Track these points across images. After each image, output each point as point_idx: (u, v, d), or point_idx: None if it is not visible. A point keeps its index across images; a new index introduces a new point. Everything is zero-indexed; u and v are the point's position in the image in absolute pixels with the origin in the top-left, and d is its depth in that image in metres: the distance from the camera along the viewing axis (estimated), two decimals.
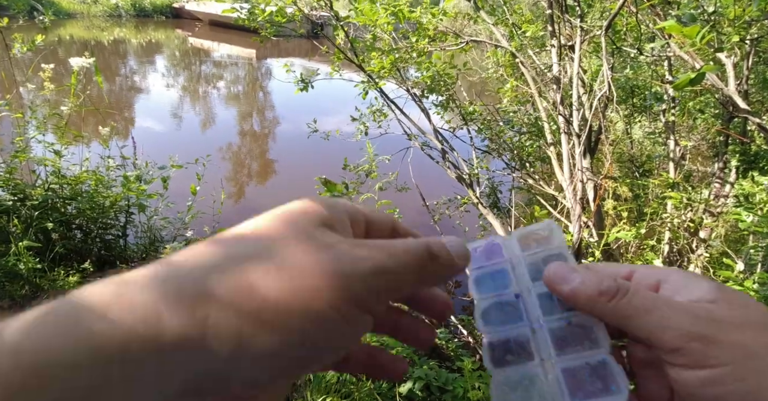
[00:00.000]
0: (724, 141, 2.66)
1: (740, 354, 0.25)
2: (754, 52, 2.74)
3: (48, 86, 3.37)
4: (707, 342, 0.25)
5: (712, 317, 0.26)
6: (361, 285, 0.21)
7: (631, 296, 0.27)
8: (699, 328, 0.25)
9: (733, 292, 0.28)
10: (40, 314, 0.19)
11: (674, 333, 0.26)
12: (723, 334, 0.25)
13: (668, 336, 0.26)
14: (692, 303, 0.27)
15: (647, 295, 0.27)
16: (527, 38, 3.30)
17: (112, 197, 3.13)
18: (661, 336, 0.26)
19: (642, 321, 0.26)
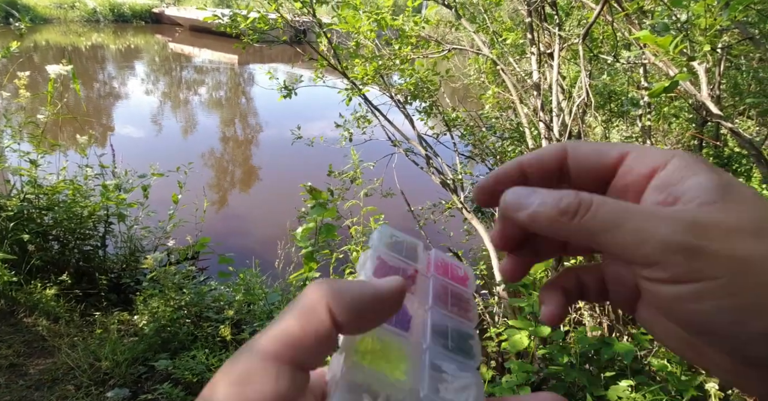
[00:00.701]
0: (698, 145, 2.75)
1: (733, 266, 0.21)
2: (726, 59, 2.84)
3: (23, 94, 3.29)
4: (692, 253, 0.21)
5: (701, 222, 0.22)
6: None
7: (595, 210, 0.23)
8: (682, 237, 0.21)
9: (738, 188, 0.23)
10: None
11: (650, 246, 0.22)
12: (713, 243, 0.21)
13: (643, 250, 0.22)
14: (680, 210, 0.23)
15: (616, 206, 0.23)
16: (507, 46, 3.36)
17: (91, 206, 3.07)
18: (634, 251, 0.22)
19: (611, 235, 0.23)
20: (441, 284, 0.31)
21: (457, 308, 0.30)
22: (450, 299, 0.30)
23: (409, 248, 0.32)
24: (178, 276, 2.62)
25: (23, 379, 2.19)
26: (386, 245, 0.31)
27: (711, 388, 1.53)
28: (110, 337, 2.45)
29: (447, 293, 0.31)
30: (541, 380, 1.76)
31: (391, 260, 0.30)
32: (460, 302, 0.31)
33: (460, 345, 0.28)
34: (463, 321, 0.30)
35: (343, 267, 2.79)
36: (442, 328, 0.28)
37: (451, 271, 0.33)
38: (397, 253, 0.31)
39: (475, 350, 0.28)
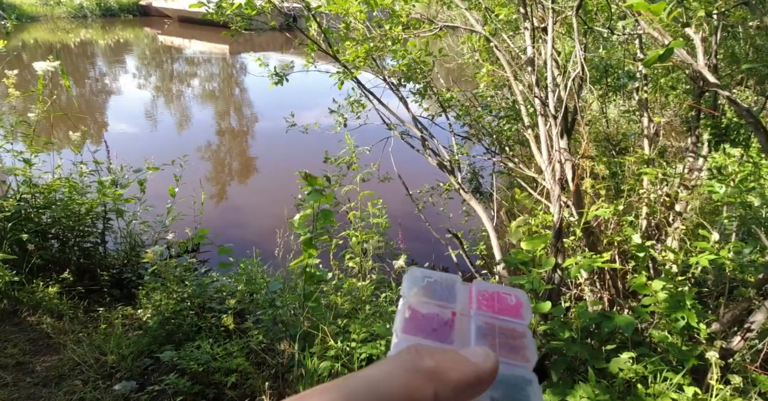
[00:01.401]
0: (695, 116, 2.71)
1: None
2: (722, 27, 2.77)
3: (13, 93, 3.25)
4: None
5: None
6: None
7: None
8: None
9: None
10: None
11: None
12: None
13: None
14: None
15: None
16: (501, 22, 3.29)
17: (88, 203, 3.05)
18: None
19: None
20: (485, 321, 0.28)
21: (507, 347, 0.27)
22: (498, 338, 0.27)
23: (445, 287, 0.29)
24: (180, 269, 2.62)
25: (30, 376, 2.21)
26: (420, 290, 0.29)
27: (712, 357, 1.54)
28: (115, 332, 2.47)
29: (494, 331, 0.28)
30: (543, 355, 1.77)
31: (425, 308, 0.28)
32: (511, 339, 0.27)
33: (513, 395, 0.25)
34: (515, 364, 0.26)
35: (343, 253, 2.79)
36: None
37: (498, 301, 0.29)
38: (432, 296, 0.29)
39: (534, 399, 0.25)
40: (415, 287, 0.29)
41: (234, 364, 2.08)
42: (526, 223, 2.17)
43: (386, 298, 2.58)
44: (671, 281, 1.78)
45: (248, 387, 2.07)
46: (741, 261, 1.86)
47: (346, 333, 2.15)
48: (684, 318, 1.61)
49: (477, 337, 0.27)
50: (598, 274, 2.40)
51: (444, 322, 0.27)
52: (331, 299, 2.51)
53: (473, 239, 3.82)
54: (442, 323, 0.27)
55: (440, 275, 0.30)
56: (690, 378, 1.61)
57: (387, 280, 2.88)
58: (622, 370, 1.59)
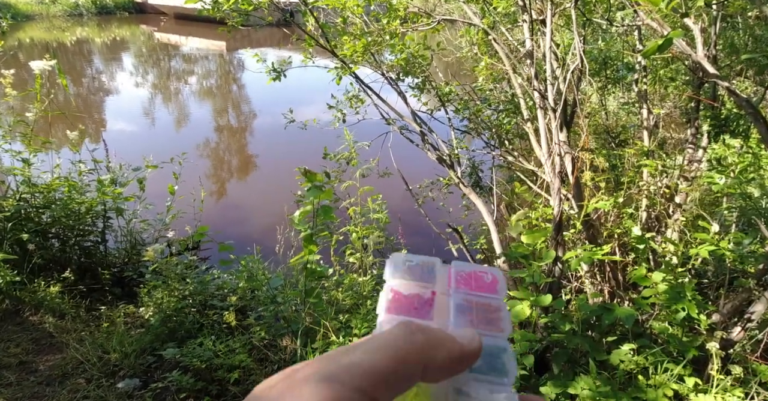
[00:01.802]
0: (695, 107, 2.70)
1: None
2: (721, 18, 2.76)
3: (10, 93, 3.24)
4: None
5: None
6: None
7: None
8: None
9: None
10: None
11: None
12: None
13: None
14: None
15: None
16: (499, 14, 3.28)
17: (88, 202, 3.05)
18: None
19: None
20: (464, 298, 0.30)
21: (485, 321, 0.29)
22: (475, 313, 0.29)
23: (425, 269, 0.31)
24: (180, 267, 2.62)
25: (34, 376, 2.21)
26: (401, 273, 0.30)
27: (712, 347, 1.54)
28: (117, 330, 2.47)
29: (471, 306, 0.29)
30: (544, 348, 1.77)
31: (406, 289, 0.29)
32: (487, 313, 0.29)
33: (490, 362, 0.27)
34: (492, 334, 0.28)
35: (343, 248, 2.79)
36: None
37: (475, 280, 0.31)
38: (413, 278, 0.30)
39: (509, 365, 0.27)
40: (397, 271, 0.30)
41: (236, 361, 2.08)
42: (526, 216, 2.17)
43: None
44: (671, 272, 1.79)
45: (251, 384, 2.08)
46: (741, 252, 1.86)
47: (347, 328, 2.15)
48: (684, 309, 1.62)
49: (456, 313, 0.29)
50: (598, 266, 2.41)
51: (424, 301, 0.29)
52: (332, 295, 2.52)
53: (473, 233, 3.82)
54: (422, 302, 0.29)
55: (420, 258, 0.32)
56: (691, 368, 1.62)
57: None
58: (623, 362, 1.60)
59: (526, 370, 1.63)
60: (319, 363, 0.23)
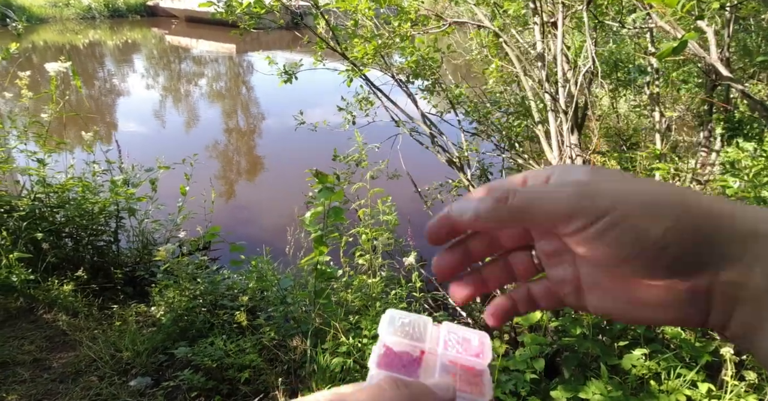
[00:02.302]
0: (708, 110, 2.68)
1: (620, 196, 0.27)
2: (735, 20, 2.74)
3: (26, 94, 3.29)
4: (591, 195, 0.27)
5: (591, 181, 0.28)
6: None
7: (520, 193, 0.29)
8: (581, 188, 0.28)
9: (606, 169, 0.31)
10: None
11: (564, 202, 0.27)
12: (602, 185, 0.27)
13: (560, 208, 0.27)
14: (568, 181, 0.29)
15: (532, 187, 0.30)
16: (509, 17, 3.28)
17: (101, 202, 3.09)
18: (554, 212, 0.28)
19: (536, 207, 0.28)
20: (450, 359, 0.31)
21: (467, 383, 0.30)
22: (459, 375, 0.31)
23: (417, 328, 0.33)
24: (191, 267, 2.65)
25: (47, 373, 2.25)
26: (394, 329, 0.32)
27: (726, 353, 1.52)
28: (129, 328, 2.50)
29: (456, 368, 0.31)
30: (555, 351, 1.76)
31: (398, 346, 0.32)
32: (470, 376, 0.31)
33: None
34: (472, 398, 0.29)
35: (353, 250, 2.80)
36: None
37: (463, 343, 0.33)
38: (404, 336, 0.32)
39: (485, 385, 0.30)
40: (391, 327, 0.33)
41: (247, 360, 2.10)
42: None
43: (396, 295, 2.59)
44: None
45: (261, 383, 2.10)
46: None
47: (357, 329, 2.16)
48: None
49: (441, 373, 0.31)
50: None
51: (413, 359, 0.31)
52: (341, 296, 2.52)
53: None
54: (411, 360, 0.31)
55: (413, 316, 0.34)
56: (704, 374, 1.60)
57: (397, 277, 2.88)
58: (635, 366, 1.59)
59: (536, 374, 1.63)
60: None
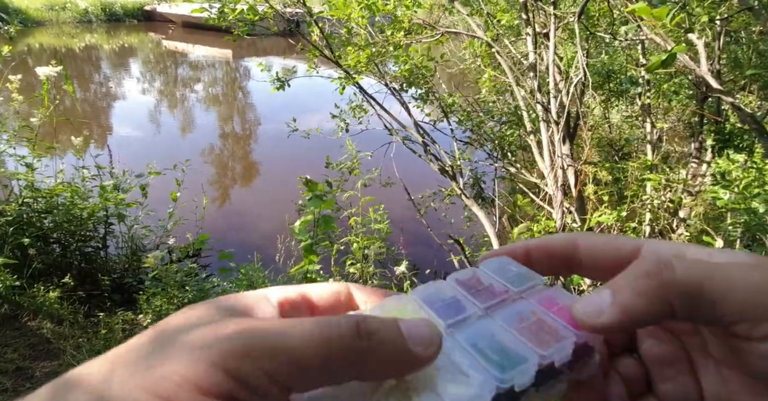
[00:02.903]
0: (699, 121, 2.70)
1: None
2: (725, 33, 2.77)
3: (16, 98, 3.27)
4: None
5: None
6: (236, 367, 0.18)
7: (679, 264, 0.21)
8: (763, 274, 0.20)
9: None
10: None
11: (745, 291, 0.20)
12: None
13: (742, 296, 0.20)
14: (732, 261, 0.22)
15: (694, 260, 0.22)
16: (502, 27, 3.30)
17: (90, 208, 3.06)
18: (731, 299, 0.20)
19: (710, 283, 0.20)
20: (533, 309, 0.26)
21: (534, 334, 0.24)
22: (532, 324, 0.25)
23: (522, 276, 0.28)
24: (180, 274, 2.61)
25: (30, 382, 2.20)
26: (495, 271, 0.29)
27: None
28: (115, 337, 2.46)
29: (533, 318, 0.25)
30: None
31: (485, 279, 0.28)
32: (542, 331, 0.25)
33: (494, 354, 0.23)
34: (523, 343, 0.24)
35: (344, 259, 2.78)
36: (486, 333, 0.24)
37: (567, 314, 0.26)
38: (502, 277, 0.28)
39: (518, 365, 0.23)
40: (494, 266, 0.29)
41: None
42: (528, 229, 2.16)
43: None
44: None
45: None
46: None
47: None
48: None
49: (511, 313, 0.26)
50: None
51: (491, 291, 0.27)
52: None
53: (475, 244, 3.80)
54: (489, 291, 0.27)
55: (527, 270, 0.29)
56: None
57: (388, 286, 2.86)
58: None
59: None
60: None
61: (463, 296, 0.27)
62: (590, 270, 0.29)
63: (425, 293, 0.28)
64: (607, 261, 0.28)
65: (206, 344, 0.19)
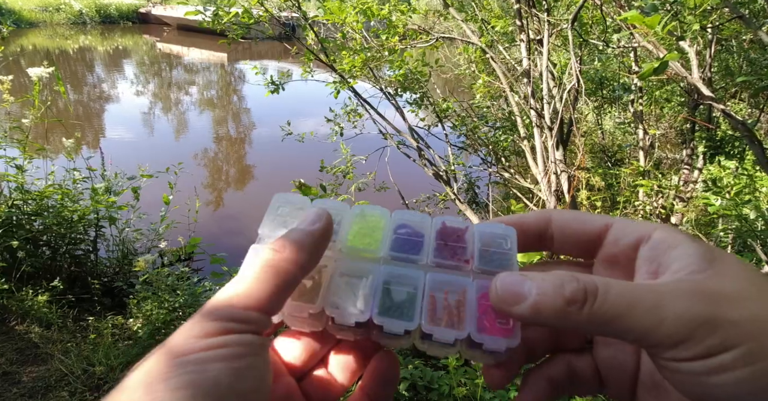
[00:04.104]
0: (690, 128, 2.73)
1: (748, 333, 0.21)
2: (716, 41, 2.81)
3: (7, 99, 3.23)
4: (713, 325, 0.21)
5: (708, 293, 0.22)
6: None
7: (604, 295, 0.22)
8: (700, 309, 0.21)
9: (720, 255, 0.24)
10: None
11: (672, 324, 0.21)
12: (728, 312, 0.21)
13: (665, 330, 0.21)
14: (679, 280, 0.23)
15: (623, 288, 0.23)
16: (497, 34, 3.32)
17: (80, 210, 3.02)
18: (655, 332, 0.21)
19: (627, 320, 0.22)
20: (467, 290, 0.29)
21: (440, 309, 0.28)
22: (450, 301, 0.28)
23: (500, 257, 0.31)
24: (172, 278, 2.58)
25: (16, 387, 2.16)
26: (485, 236, 0.31)
27: None
28: (104, 342, 2.42)
29: (456, 297, 0.28)
30: None
31: (468, 237, 0.31)
32: (448, 311, 0.28)
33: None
34: (421, 309, 0.28)
35: None
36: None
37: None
38: (483, 245, 0.31)
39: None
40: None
41: None
42: None
43: None
44: None
45: None
46: None
47: None
48: None
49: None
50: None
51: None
52: None
53: None
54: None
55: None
56: None
57: None
58: None
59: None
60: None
61: (429, 242, 0.30)
62: (561, 246, 0.30)
63: (403, 218, 0.31)
64: (578, 237, 0.30)
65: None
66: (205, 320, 0.24)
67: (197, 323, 0.24)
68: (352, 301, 0.28)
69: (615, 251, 0.28)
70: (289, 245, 0.27)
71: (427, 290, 0.28)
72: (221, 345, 0.23)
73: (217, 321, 0.24)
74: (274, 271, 0.26)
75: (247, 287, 0.25)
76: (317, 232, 0.28)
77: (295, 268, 0.27)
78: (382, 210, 0.32)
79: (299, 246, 0.27)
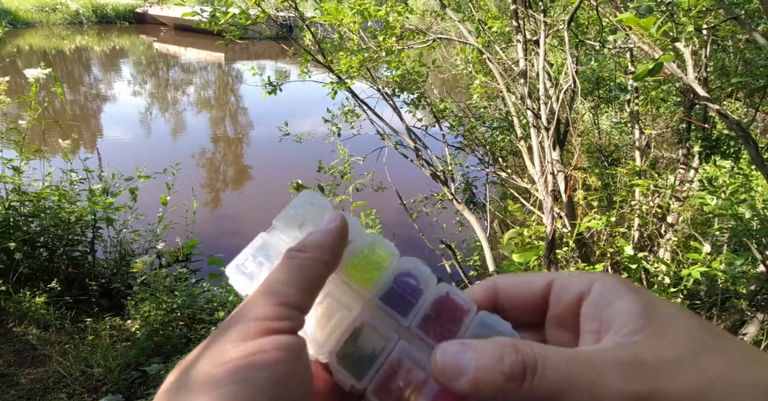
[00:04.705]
0: (686, 128, 2.74)
1: (727, 384, 0.21)
2: (712, 41, 2.82)
3: (4, 99, 3.22)
4: (674, 382, 0.21)
5: (647, 362, 0.22)
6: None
7: (542, 370, 0.22)
8: (636, 387, 0.21)
9: (660, 308, 0.24)
10: None
11: (619, 396, 0.21)
12: (662, 384, 0.21)
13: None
14: (619, 345, 0.23)
15: (561, 360, 0.22)
16: (494, 34, 3.33)
17: (78, 212, 3.02)
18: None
19: (567, 398, 0.21)
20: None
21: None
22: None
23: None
24: (169, 279, 2.59)
25: (14, 389, 2.16)
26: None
27: None
28: (102, 343, 2.42)
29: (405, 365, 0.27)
30: None
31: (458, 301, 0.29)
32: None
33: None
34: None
35: None
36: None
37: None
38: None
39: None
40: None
41: None
42: (518, 234, 2.17)
43: None
44: (664, 292, 1.78)
45: None
46: (733, 273, 1.87)
47: None
48: None
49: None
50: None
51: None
52: None
53: (467, 249, 3.81)
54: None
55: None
56: None
57: None
58: None
59: None
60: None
61: (422, 306, 0.29)
62: (513, 314, 0.30)
63: (410, 267, 0.31)
64: (525, 303, 0.29)
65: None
66: (241, 322, 0.24)
67: (233, 326, 0.24)
68: (321, 329, 0.28)
69: (559, 311, 0.28)
70: (310, 245, 0.29)
71: (392, 357, 0.27)
72: (261, 350, 0.23)
73: (253, 322, 0.24)
74: (299, 269, 0.27)
75: (276, 285, 0.26)
76: (334, 230, 0.30)
77: (319, 265, 0.28)
78: (392, 250, 0.31)
79: (320, 244, 0.29)
